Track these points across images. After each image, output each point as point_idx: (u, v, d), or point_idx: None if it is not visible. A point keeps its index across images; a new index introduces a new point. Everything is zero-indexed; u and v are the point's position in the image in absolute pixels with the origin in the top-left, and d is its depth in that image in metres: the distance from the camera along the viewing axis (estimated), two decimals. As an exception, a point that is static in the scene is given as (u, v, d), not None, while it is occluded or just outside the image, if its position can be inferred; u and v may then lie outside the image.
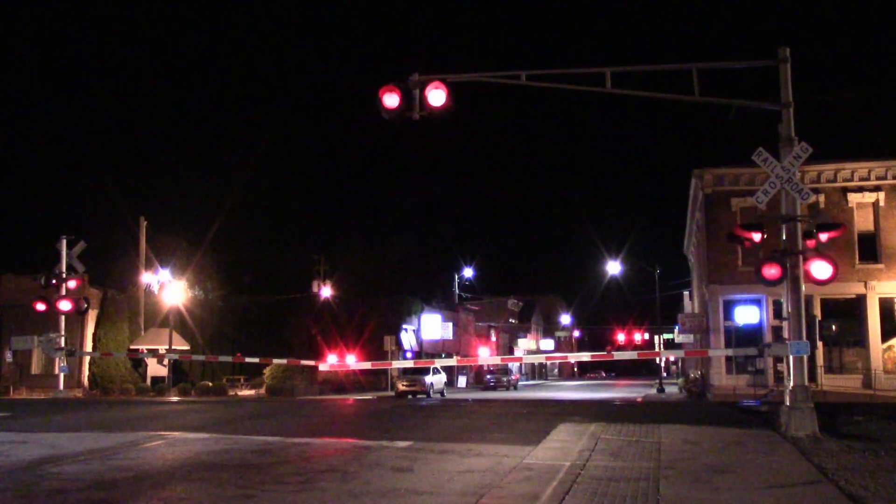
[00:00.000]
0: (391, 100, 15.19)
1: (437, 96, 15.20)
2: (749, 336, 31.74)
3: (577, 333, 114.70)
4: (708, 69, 15.49)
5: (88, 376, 40.23)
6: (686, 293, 57.89)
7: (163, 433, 13.74)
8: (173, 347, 37.97)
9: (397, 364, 40.86)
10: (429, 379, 42.58)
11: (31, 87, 76.57)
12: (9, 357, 35.78)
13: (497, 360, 25.09)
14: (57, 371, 29.53)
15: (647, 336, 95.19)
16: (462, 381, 65.45)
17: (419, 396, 40.05)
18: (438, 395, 42.03)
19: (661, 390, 50.95)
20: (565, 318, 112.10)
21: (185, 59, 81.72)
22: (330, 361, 23.87)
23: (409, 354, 58.30)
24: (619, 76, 15.66)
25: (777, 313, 31.56)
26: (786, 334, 14.18)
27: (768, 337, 31.15)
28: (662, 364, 75.38)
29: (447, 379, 49.01)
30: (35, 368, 40.28)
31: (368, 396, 37.78)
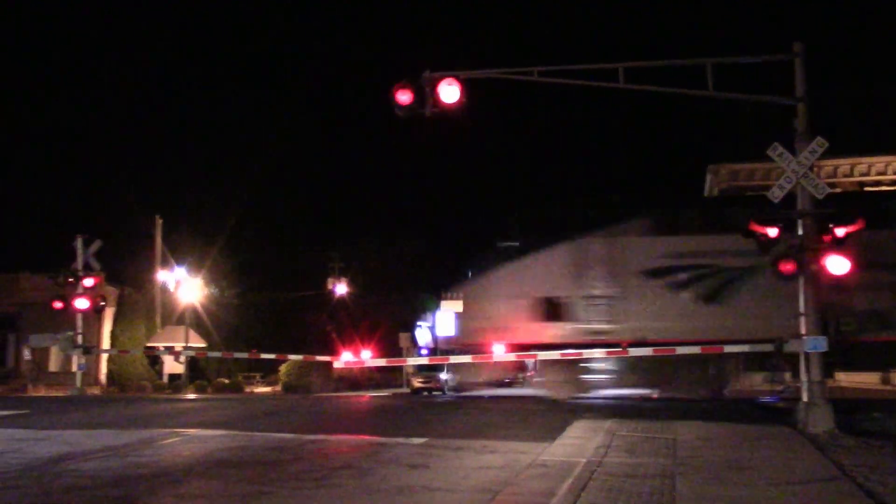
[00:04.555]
0: (404, 97, 15.20)
1: (449, 93, 15.21)
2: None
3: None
4: (722, 64, 15.41)
5: (106, 374, 40.48)
6: (701, 289, 57.60)
7: (179, 430, 13.81)
8: (189, 345, 38.14)
9: (412, 361, 40.88)
10: (444, 376, 42.56)
11: (46, 86, 77.13)
12: (27, 355, 36.06)
13: (512, 356, 24.94)
14: (75, 369, 29.71)
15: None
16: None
17: (434, 393, 40.06)
18: (453, 392, 42.03)
19: (676, 386, 50.66)
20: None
21: (198, 56, 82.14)
22: (345, 358, 23.89)
23: (424, 351, 58.23)
24: (633, 72, 15.60)
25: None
26: (802, 330, 14.11)
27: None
28: (678, 360, 74.90)
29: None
30: (53, 366, 40.54)
31: (384, 393, 37.87)
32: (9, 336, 40.85)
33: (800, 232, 14.19)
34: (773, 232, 14.24)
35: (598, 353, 20.06)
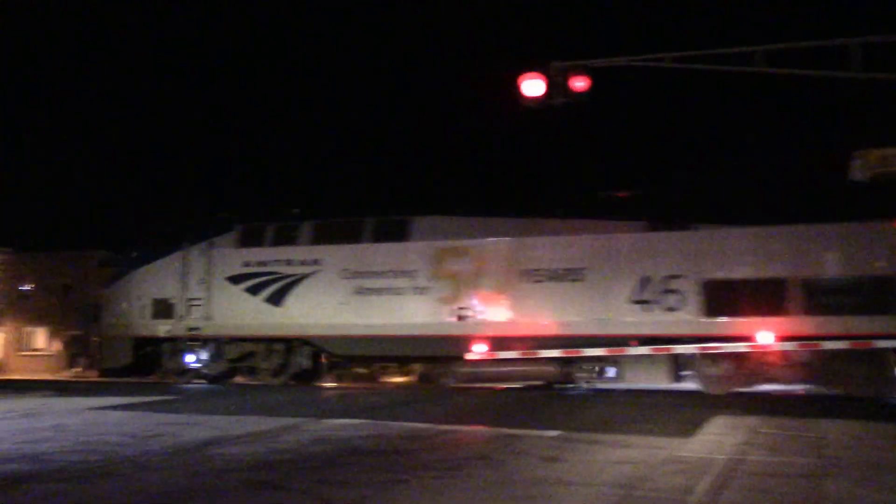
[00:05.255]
0: (532, 87, 15.10)
1: (578, 82, 15.03)
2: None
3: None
4: (870, 44, 14.55)
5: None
6: (849, 280, 54.76)
7: (318, 418, 14.21)
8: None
9: (545, 353, 40.80)
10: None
11: (180, 82, 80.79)
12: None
13: (646, 350, 24.33)
14: (220, 358, 31.08)
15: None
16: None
17: (567, 386, 39.75)
18: (587, 385, 41.55)
19: (822, 382, 48.42)
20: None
21: (313, 53, 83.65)
22: (478, 350, 24.12)
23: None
24: (770, 55, 14.94)
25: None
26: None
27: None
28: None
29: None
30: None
31: (517, 385, 37.80)
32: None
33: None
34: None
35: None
